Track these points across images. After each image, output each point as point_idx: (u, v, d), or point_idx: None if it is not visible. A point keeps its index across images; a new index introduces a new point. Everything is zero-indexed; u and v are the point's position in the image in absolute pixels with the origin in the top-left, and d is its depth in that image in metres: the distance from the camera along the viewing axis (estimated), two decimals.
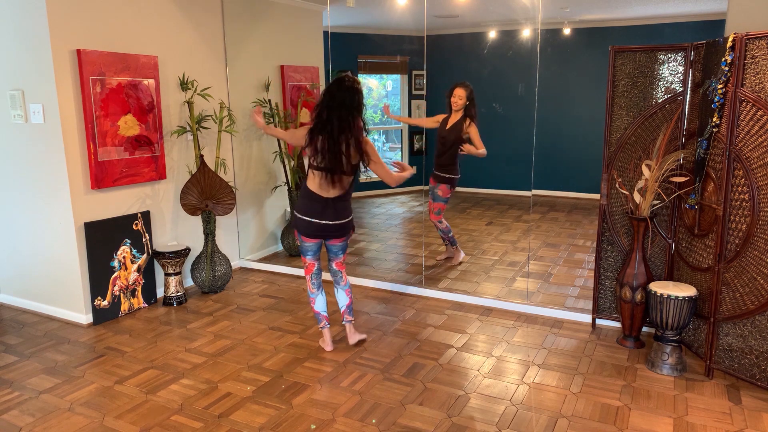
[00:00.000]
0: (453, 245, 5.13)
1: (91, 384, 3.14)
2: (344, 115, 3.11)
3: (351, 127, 3.13)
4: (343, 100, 3.11)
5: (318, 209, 3.26)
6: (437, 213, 4.98)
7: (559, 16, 6.22)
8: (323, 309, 3.50)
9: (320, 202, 3.25)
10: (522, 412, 2.83)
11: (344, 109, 3.11)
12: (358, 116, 3.16)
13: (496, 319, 3.99)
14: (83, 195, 3.86)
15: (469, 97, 4.72)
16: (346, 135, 3.12)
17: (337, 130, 3.10)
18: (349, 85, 3.14)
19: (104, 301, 3.99)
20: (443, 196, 4.93)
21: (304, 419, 2.78)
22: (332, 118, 3.11)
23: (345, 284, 3.54)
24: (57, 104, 3.66)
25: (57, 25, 3.61)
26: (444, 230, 5.04)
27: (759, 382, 2.96)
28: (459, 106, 4.72)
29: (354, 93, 3.14)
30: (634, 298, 3.42)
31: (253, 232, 5.39)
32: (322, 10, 5.64)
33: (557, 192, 6.82)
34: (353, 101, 3.13)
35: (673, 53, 3.36)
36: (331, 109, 3.12)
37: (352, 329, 3.56)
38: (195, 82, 4.56)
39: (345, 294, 3.53)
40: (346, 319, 3.55)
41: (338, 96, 3.12)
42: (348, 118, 3.12)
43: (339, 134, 3.11)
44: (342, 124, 3.10)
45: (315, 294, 3.50)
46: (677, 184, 3.40)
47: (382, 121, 7.20)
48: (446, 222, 5.02)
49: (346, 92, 3.12)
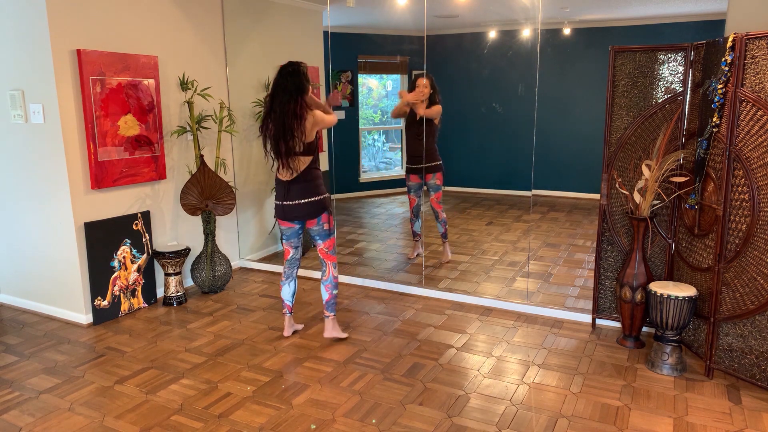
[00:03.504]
0: (445, 239, 5.18)
1: (91, 384, 3.14)
2: (285, 99, 3.24)
3: (294, 109, 3.24)
4: (284, 86, 3.25)
5: (282, 192, 3.41)
6: (441, 201, 5.06)
7: (559, 16, 6.22)
8: (287, 298, 3.67)
9: (283, 185, 3.40)
10: (522, 412, 2.83)
11: (285, 94, 3.24)
12: (300, 96, 3.26)
13: (496, 319, 3.99)
14: (83, 195, 3.86)
15: (433, 86, 4.87)
16: (289, 118, 3.23)
17: (280, 115, 3.24)
18: (288, 70, 3.28)
19: (104, 301, 3.99)
20: (441, 183, 5.03)
21: (304, 419, 2.78)
22: (275, 104, 3.26)
23: (326, 278, 3.56)
24: (57, 104, 3.66)
25: (57, 25, 3.61)
26: (445, 220, 5.12)
27: (759, 382, 2.96)
28: (425, 95, 4.84)
29: (293, 76, 3.27)
30: (634, 298, 3.42)
31: (253, 232, 5.39)
32: (322, 10, 5.64)
33: (557, 192, 6.81)
34: (293, 84, 3.26)
35: (673, 53, 3.36)
36: (273, 97, 3.28)
37: (328, 324, 3.60)
38: (195, 82, 4.56)
39: (324, 289, 3.58)
40: (324, 314, 3.62)
41: (279, 82, 3.27)
42: (289, 103, 3.24)
43: (282, 119, 3.23)
44: (283, 108, 3.23)
45: (283, 282, 3.66)
46: (677, 184, 3.40)
47: (382, 121, 7.20)
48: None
49: (285, 77, 3.27)
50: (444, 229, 5.14)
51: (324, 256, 3.53)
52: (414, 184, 5.08)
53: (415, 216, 5.19)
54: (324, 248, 3.52)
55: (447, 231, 5.18)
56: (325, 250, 3.53)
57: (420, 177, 5.01)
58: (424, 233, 5.50)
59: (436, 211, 5.08)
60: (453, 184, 6.63)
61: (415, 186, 5.08)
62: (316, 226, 3.45)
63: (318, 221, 3.44)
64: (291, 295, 3.67)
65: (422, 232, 5.30)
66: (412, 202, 5.15)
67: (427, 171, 4.96)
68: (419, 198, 5.10)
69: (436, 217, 5.11)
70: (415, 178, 5.04)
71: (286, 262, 3.62)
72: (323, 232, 3.48)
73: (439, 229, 5.16)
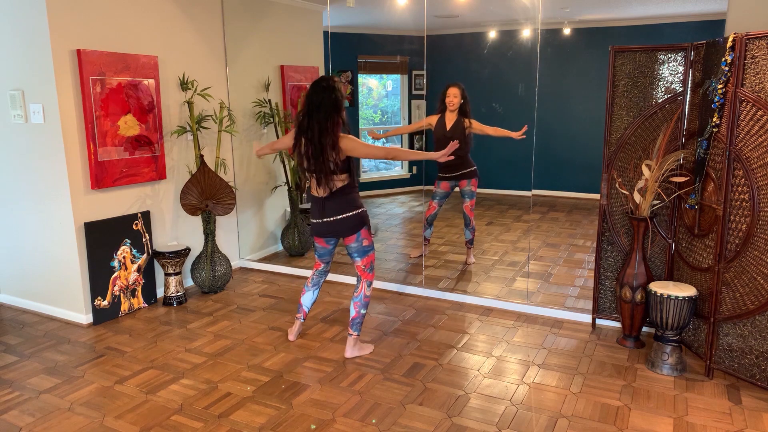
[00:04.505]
0: (471, 245, 5.15)
1: (91, 384, 3.14)
2: (322, 117, 3.13)
3: (331, 127, 3.14)
4: (321, 103, 3.14)
5: (317, 209, 3.32)
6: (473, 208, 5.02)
7: (559, 16, 6.22)
8: (307, 304, 3.63)
9: (317, 202, 3.31)
10: (522, 412, 2.83)
11: (322, 112, 3.13)
12: (336, 114, 3.17)
13: (496, 319, 3.99)
14: (83, 195, 3.86)
15: (463, 95, 4.82)
16: (326, 137, 3.13)
17: (317, 134, 3.13)
18: (324, 86, 3.18)
19: (104, 301, 3.99)
20: (476, 189, 4.96)
21: (304, 419, 2.78)
22: (312, 122, 3.15)
23: (358, 295, 3.41)
24: (57, 104, 3.66)
25: (57, 25, 3.61)
26: (474, 227, 5.07)
27: (759, 382, 2.96)
28: (455, 105, 4.79)
29: (330, 92, 3.17)
30: (634, 298, 3.42)
31: (253, 232, 5.39)
32: (322, 10, 5.64)
33: (557, 192, 6.81)
34: (329, 101, 3.15)
35: (673, 53, 3.36)
36: (310, 114, 3.16)
37: (350, 343, 3.45)
38: (195, 82, 4.56)
39: (353, 306, 3.42)
40: (348, 332, 3.47)
41: (315, 99, 3.16)
42: (326, 121, 3.13)
43: (319, 138, 3.13)
44: (321, 126, 3.13)
45: (308, 288, 3.63)
46: (677, 184, 3.40)
47: (382, 121, 7.20)
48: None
49: (321, 94, 3.16)
50: (472, 236, 5.09)
51: (361, 273, 3.41)
52: (442, 192, 4.98)
53: (428, 224, 5.13)
54: (362, 265, 3.38)
55: (474, 238, 5.12)
56: (363, 267, 3.39)
57: (451, 186, 4.94)
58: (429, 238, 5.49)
59: (468, 218, 5.01)
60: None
61: (442, 194, 4.98)
62: (355, 243, 3.32)
63: (357, 237, 3.31)
64: (311, 303, 3.61)
65: (430, 237, 5.29)
66: (432, 209, 5.04)
67: (462, 177, 4.89)
68: (440, 207, 5.05)
69: (467, 223, 5.04)
70: (446, 185, 4.95)
71: (316, 272, 3.57)
72: (361, 249, 3.35)
73: (466, 235, 5.09)
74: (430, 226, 5.15)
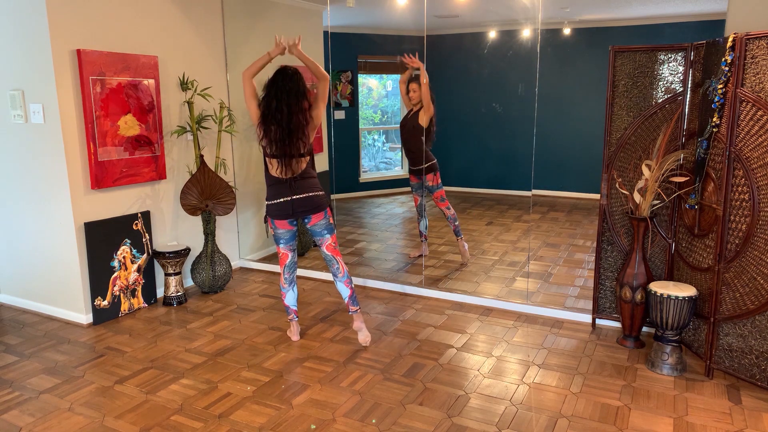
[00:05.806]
0: (459, 236, 5.17)
1: (91, 384, 3.14)
2: (292, 101, 3.24)
3: (301, 111, 3.27)
4: (290, 89, 3.24)
5: (284, 189, 3.38)
6: (442, 200, 5.06)
7: (559, 16, 6.22)
8: (292, 303, 3.65)
9: (284, 183, 3.38)
10: (522, 412, 2.83)
11: (292, 96, 3.24)
12: (304, 100, 3.30)
13: (496, 319, 3.98)
14: (83, 195, 3.86)
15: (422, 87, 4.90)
16: (297, 120, 3.24)
17: (287, 118, 3.23)
18: (291, 73, 3.28)
19: (104, 301, 3.99)
20: (436, 183, 5.03)
21: (304, 419, 2.78)
22: (281, 107, 3.24)
23: (343, 275, 3.53)
24: (57, 104, 3.66)
25: (57, 25, 3.61)
26: (452, 217, 5.11)
27: (759, 382, 2.96)
28: (416, 99, 4.88)
29: (298, 79, 3.29)
30: (634, 298, 3.42)
31: (253, 232, 5.39)
32: (322, 10, 5.64)
33: (557, 192, 6.81)
34: (299, 87, 3.27)
35: (673, 53, 3.36)
36: (279, 98, 3.25)
37: (360, 318, 3.58)
38: (195, 82, 4.56)
39: (344, 285, 3.54)
40: (351, 309, 3.56)
41: (284, 85, 3.25)
42: (296, 105, 3.25)
43: (289, 122, 3.24)
44: (291, 110, 3.23)
45: (286, 289, 3.62)
46: (677, 184, 3.40)
47: (382, 121, 7.20)
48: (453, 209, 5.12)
49: (290, 80, 3.26)
50: (454, 227, 5.13)
51: (332, 252, 3.51)
52: (414, 184, 5.12)
53: (419, 215, 5.21)
54: (332, 243, 3.50)
55: (459, 228, 5.15)
56: (333, 245, 3.51)
57: (417, 177, 5.04)
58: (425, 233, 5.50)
59: (441, 210, 5.10)
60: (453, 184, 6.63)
61: (415, 185, 5.11)
62: (323, 219, 3.45)
63: (325, 214, 3.45)
64: (296, 300, 3.65)
65: (427, 233, 5.30)
66: (416, 201, 5.19)
67: (427, 171, 4.97)
68: (422, 197, 5.13)
69: (446, 217, 5.12)
70: (413, 178, 5.09)
71: (286, 268, 3.57)
72: (329, 226, 3.49)
73: (451, 227, 5.17)
74: (422, 217, 5.22)
